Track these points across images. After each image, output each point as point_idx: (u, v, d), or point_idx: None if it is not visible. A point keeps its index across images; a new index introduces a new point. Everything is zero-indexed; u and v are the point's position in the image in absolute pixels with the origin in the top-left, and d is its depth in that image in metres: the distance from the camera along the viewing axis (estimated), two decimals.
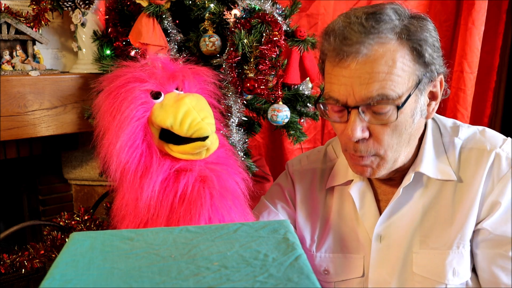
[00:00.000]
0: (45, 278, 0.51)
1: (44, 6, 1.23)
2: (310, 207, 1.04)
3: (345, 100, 0.83)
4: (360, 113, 0.82)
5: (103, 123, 0.86)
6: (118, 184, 0.87)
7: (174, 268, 0.53)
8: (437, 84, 0.89)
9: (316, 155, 1.10)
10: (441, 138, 0.96)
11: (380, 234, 0.95)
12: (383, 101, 0.81)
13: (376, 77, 0.80)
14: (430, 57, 0.83)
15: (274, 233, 0.61)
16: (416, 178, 0.93)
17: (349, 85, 0.82)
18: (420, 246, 0.92)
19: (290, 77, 1.21)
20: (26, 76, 1.15)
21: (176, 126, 0.83)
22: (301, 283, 0.49)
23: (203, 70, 0.95)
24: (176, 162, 0.87)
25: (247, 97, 1.21)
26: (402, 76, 0.81)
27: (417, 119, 0.86)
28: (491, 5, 1.96)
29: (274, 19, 1.11)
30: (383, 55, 0.80)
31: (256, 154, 1.78)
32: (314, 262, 1.02)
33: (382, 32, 0.80)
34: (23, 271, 1.24)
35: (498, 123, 2.17)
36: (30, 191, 1.68)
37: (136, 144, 0.84)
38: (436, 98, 0.90)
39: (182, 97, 0.86)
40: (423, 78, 0.84)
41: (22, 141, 1.41)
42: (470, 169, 0.91)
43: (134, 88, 0.85)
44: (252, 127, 1.33)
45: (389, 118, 0.82)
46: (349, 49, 0.80)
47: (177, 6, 1.20)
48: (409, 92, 0.82)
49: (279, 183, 1.11)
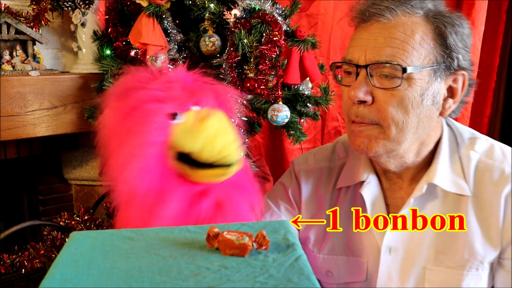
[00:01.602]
0: (45, 278, 0.51)
1: (44, 6, 1.23)
2: (316, 207, 1.02)
3: (356, 60, 0.83)
4: (368, 75, 0.82)
5: (113, 139, 0.77)
6: (123, 206, 0.78)
7: (174, 268, 0.53)
8: (458, 80, 0.85)
9: (323, 152, 1.07)
10: (457, 149, 0.92)
11: (390, 246, 0.91)
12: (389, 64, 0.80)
13: (390, 42, 0.80)
14: (454, 43, 0.82)
15: (274, 233, 0.61)
16: (429, 189, 0.89)
17: (363, 46, 0.83)
18: (434, 263, 0.88)
19: (290, 77, 1.21)
20: (26, 76, 1.14)
21: (196, 152, 0.76)
22: (301, 283, 0.49)
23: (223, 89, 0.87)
24: (194, 186, 0.78)
25: (247, 97, 1.21)
26: (418, 50, 0.80)
27: (427, 103, 0.83)
28: (491, 5, 1.96)
29: (274, 19, 1.11)
30: (403, 24, 0.81)
31: (256, 154, 1.78)
32: (316, 263, 1.00)
33: (411, 4, 0.82)
34: (23, 271, 1.24)
35: (498, 123, 2.17)
36: (30, 191, 1.67)
37: (149, 169, 0.75)
38: (454, 96, 0.86)
39: (204, 118, 0.77)
40: (441, 62, 0.82)
41: (22, 141, 1.41)
42: (487, 187, 0.87)
43: (151, 110, 0.75)
44: (252, 127, 1.33)
45: (395, 83, 0.81)
46: (373, 11, 0.82)
47: (177, 6, 1.20)
48: (421, 65, 0.80)
49: (282, 182, 1.08)
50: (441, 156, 0.89)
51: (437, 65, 0.82)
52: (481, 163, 0.89)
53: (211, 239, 0.57)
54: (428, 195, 0.89)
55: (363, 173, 0.96)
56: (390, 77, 0.81)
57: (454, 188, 0.88)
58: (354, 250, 0.96)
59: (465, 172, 0.89)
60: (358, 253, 0.96)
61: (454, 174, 0.89)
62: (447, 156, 0.90)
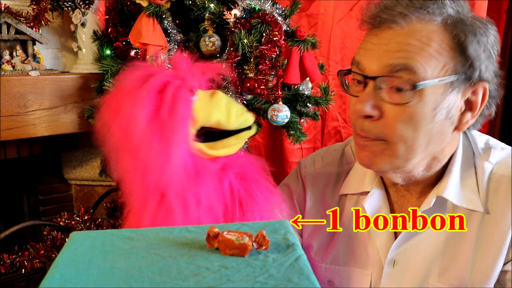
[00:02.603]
0: (45, 278, 0.51)
1: (44, 6, 1.23)
2: (321, 214, 0.98)
3: (365, 66, 0.77)
4: (376, 86, 0.75)
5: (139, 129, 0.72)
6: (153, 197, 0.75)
7: (174, 268, 0.53)
8: (478, 92, 0.77)
9: (332, 155, 1.02)
10: (473, 159, 0.85)
11: (394, 258, 0.87)
12: (404, 72, 0.72)
13: (405, 47, 0.73)
14: (475, 53, 0.74)
15: (274, 233, 0.61)
16: (438, 203, 0.83)
17: (374, 51, 0.75)
18: (438, 279, 0.83)
19: (290, 77, 1.21)
20: (26, 76, 1.14)
21: (224, 120, 0.78)
22: (301, 283, 0.49)
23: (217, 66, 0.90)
24: (215, 162, 0.80)
25: (247, 97, 1.21)
26: (436, 57, 0.73)
27: (440, 118, 0.75)
28: (491, 5, 1.96)
29: (274, 19, 1.11)
30: (419, 31, 0.73)
31: (256, 154, 1.78)
32: (318, 272, 0.96)
33: (427, 10, 0.74)
34: (23, 271, 1.24)
35: (498, 123, 2.17)
36: (30, 191, 1.67)
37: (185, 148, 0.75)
38: (473, 110, 0.78)
39: (214, 92, 0.81)
40: (460, 72, 0.74)
41: (22, 141, 1.41)
42: (499, 200, 0.80)
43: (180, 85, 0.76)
44: None
45: (405, 98, 0.73)
46: (386, 17, 0.75)
47: (177, 6, 1.20)
48: (437, 78, 0.72)
49: (288, 185, 1.04)
50: (454, 168, 0.83)
51: (456, 76, 0.74)
52: (494, 174, 0.83)
53: (211, 239, 0.57)
54: (437, 209, 0.84)
55: (368, 184, 0.91)
56: (401, 90, 0.74)
57: (465, 203, 0.82)
58: (358, 262, 0.92)
59: (479, 186, 0.83)
60: (363, 265, 0.92)
61: (467, 187, 0.83)
62: (460, 168, 0.84)
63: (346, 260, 0.94)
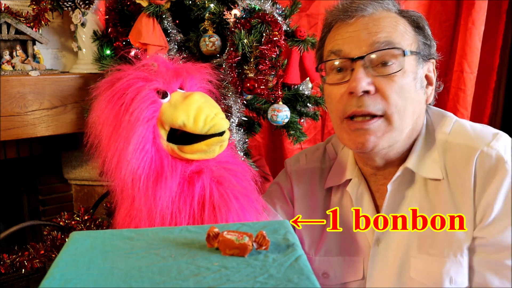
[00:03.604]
0: (45, 278, 0.51)
1: (44, 6, 1.23)
2: (309, 208, 1.02)
3: (348, 51, 0.85)
4: (365, 65, 0.83)
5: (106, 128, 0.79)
6: (124, 193, 0.80)
7: (174, 268, 0.53)
8: (431, 69, 0.91)
9: (315, 153, 1.07)
10: (434, 132, 0.91)
11: (378, 237, 0.92)
12: (390, 49, 0.83)
13: (383, 28, 0.84)
14: (428, 33, 0.88)
15: (274, 233, 0.61)
16: (405, 174, 0.89)
17: (355, 37, 0.85)
18: (418, 250, 0.88)
19: (290, 77, 1.21)
20: (26, 76, 1.14)
21: (190, 124, 0.78)
22: (301, 283, 0.49)
23: (203, 67, 0.91)
24: (188, 164, 0.81)
25: (247, 97, 1.21)
26: (405, 37, 0.85)
27: (418, 88, 0.86)
28: (491, 5, 1.96)
29: (274, 19, 1.11)
30: (387, 17, 0.86)
31: (256, 154, 1.78)
32: (313, 266, 0.99)
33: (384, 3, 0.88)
34: (23, 271, 1.24)
35: (498, 123, 2.17)
36: (30, 191, 1.67)
37: (147, 148, 0.77)
38: (431, 84, 0.91)
39: (190, 94, 0.82)
40: (424, 48, 0.87)
41: (22, 141, 1.41)
42: (458, 169, 0.85)
43: (142, 87, 0.78)
44: (252, 127, 1.34)
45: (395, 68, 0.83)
46: (355, 8, 0.86)
47: (177, 6, 1.20)
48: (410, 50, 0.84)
49: (278, 182, 1.09)
50: (418, 142, 0.90)
51: (421, 50, 0.87)
52: (450, 143, 0.88)
53: (211, 239, 0.57)
54: (406, 181, 0.90)
55: (349, 173, 0.97)
56: (388, 64, 0.83)
57: (429, 173, 0.87)
58: (349, 250, 0.96)
59: (438, 156, 0.88)
60: (354, 252, 0.96)
61: (428, 157, 0.89)
62: (422, 141, 0.90)
63: (338, 250, 0.97)
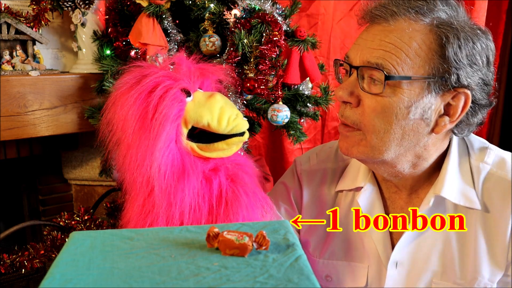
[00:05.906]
0: (45, 278, 0.51)
1: (44, 6, 1.23)
2: (317, 210, 1.00)
3: (352, 58, 0.84)
4: (358, 76, 0.81)
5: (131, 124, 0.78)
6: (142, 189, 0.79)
7: (174, 268, 0.53)
8: (459, 98, 0.79)
9: (327, 152, 1.05)
10: (468, 160, 0.87)
11: (396, 260, 0.89)
12: (373, 68, 0.78)
13: (384, 46, 0.77)
14: (455, 57, 0.75)
15: (274, 233, 0.61)
16: (437, 202, 0.86)
17: (361, 45, 0.82)
18: (441, 277, 0.86)
19: (290, 77, 1.21)
20: (26, 76, 1.14)
21: (214, 123, 0.81)
22: (301, 283, 0.49)
23: (219, 68, 0.93)
24: (206, 162, 0.84)
25: (247, 97, 1.21)
26: (412, 59, 0.76)
27: (414, 117, 0.78)
28: (491, 5, 1.96)
29: (274, 19, 1.11)
30: (403, 29, 0.77)
31: (256, 154, 1.78)
32: (316, 268, 0.98)
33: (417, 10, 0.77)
34: (23, 271, 1.24)
35: (498, 123, 2.17)
36: (30, 191, 1.67)
37: (171, 146, 0.79)
38: (452, 115, 0.80)
39: (212, 94, 0.84)
40: (436, 74, 0.76)
41: (22, 141, 1.41)
42: (497, 201, 0.83)
43: (170, 85, 0.80)
44: (252, 127, 1.33)
45: (378, 89, 0.78)
46: (377, 13, 0.80)
47: (177, 6, 1.20)
48: (411, 76, 0.76)
49: (284, 182, 1.06)
50: (450, 167, 0.85)
51: (433, 78, 0.76)
52: (491, 175, 0.85)
53: (211, 239, 0.57)
54: (436, 208, 0.86)
55: (362, 180, 0.94)
56: (378, 83, 0.78)
57: (463, 201, 0.84)
58: (355, 256, 0.95)
59: (475, 185, 0.85)
60: (359, 258, 0.94)
61: (464, 186, 0.85)
62: (456, 168, 0.86)
63: (343, 254, 0.96)
